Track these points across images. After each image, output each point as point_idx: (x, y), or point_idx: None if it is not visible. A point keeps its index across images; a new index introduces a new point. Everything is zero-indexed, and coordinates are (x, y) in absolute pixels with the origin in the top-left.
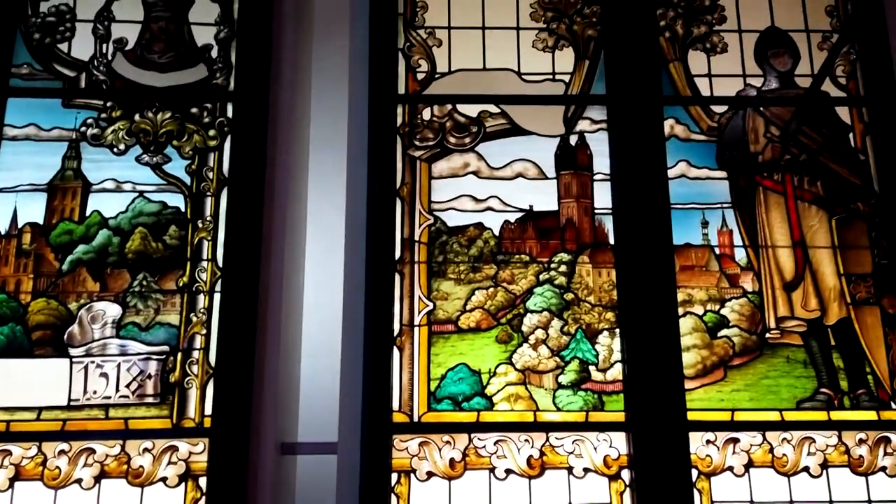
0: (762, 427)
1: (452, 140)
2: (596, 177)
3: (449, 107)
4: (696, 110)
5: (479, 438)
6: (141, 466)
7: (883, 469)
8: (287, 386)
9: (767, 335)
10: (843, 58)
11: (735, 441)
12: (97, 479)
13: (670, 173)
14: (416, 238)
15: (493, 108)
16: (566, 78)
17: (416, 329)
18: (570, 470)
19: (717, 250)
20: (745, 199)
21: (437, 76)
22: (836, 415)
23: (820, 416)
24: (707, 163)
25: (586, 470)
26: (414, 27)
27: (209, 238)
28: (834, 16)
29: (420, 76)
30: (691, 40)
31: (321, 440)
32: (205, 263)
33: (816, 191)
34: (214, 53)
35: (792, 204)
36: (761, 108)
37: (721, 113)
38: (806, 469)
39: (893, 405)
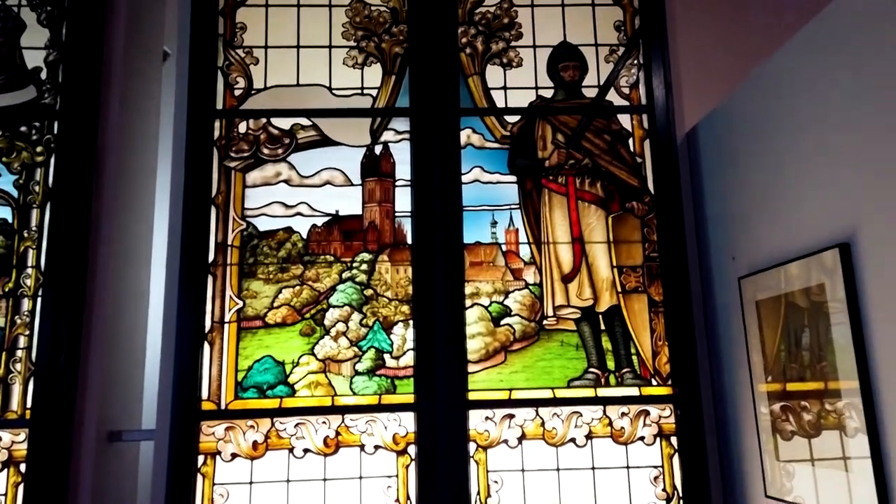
0: (536, 404)
1: (266, 151)
2: (398, 183)
3: (263, 120)
4: (492, 120)
5: (280, 422)
6: None
7: (641, 438)
8: (114, 380)
9: (545, 322)
10: (627, 69)
11: (511, 417)
12: None
13: (465, 178)
14: (230, 242)
15: (304, 121)
16: (374, 92)
17: (227, 325)
18: (362, 447)
19: (503, 247)
20: (532, 200)
21: (253, 92)
22: (603, 391)
23: (588, 392)
24: (499, 168)
25: (377, 447)
26: (233, 47)
27: (34, 247)
28: (621, 30)
29: (237, 92)
30: (490, 56)
31: (145, 428)
32: (29, 270)
33: (596, 192)
34: (44, 75)
35: (573, 204)
36: (550, 117)
37: (514, 122)
38: (573, 440)
39: (654, 382)
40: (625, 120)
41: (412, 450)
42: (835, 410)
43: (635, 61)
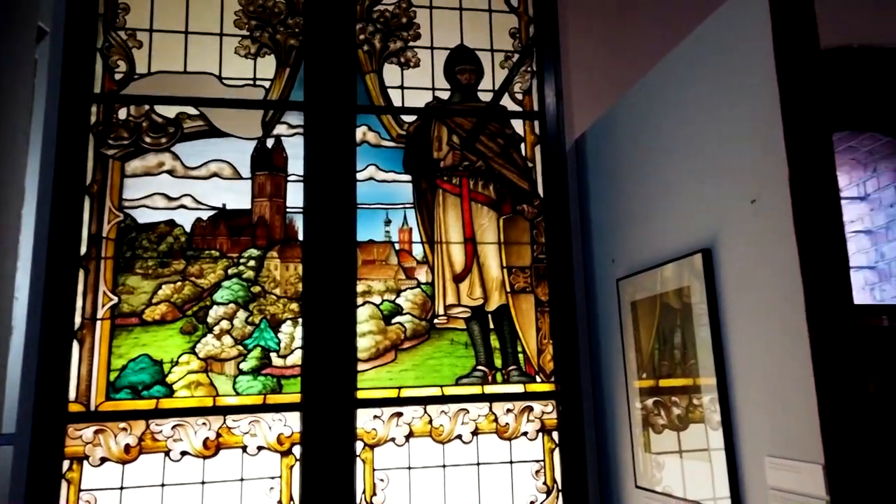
0: (424, 402)
1: (148, 140)
2: (290, 178)
3: (146, 107)
4: (388, 119)
5: (156, 424)
6: None
7: (525, 434)
8: None
9: (436, 321)
10: (521, 76)
11: (399, 415)
12: None
13: (360, 176)
14: (105, 234)
15: (191, 110)
16: (267, 84)
17: (99, 322)
18: (244, 449)
19: (397, 246)
20: (426, 200)
21: (135, 77)
22: (490, 389)
23: (475, 390)
24: (394, 167)
25: (260, 448)
26: (114, 28)
27: None
28: (517, 37)
29: (118, 76)
30: (388, 54)
31: (6, 432)
32: None
33: (489, 193)
34: None
35: (466, 205)
36: (446, 119)
37: (410, 122)
38: (459, 437)
39: (538, 379)
40: (518, 125)
41: (297, 450)
42: (700, 405)
43: (529, 69)
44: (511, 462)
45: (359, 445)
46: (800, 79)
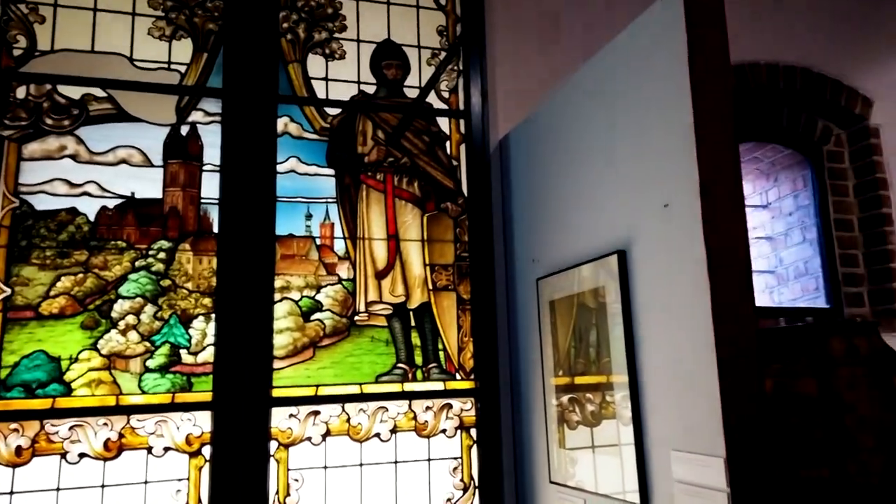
0: (343, 400)
1: (49, 122)
2: (205, 167)
3: (48, 87)
4: (311, 111)
5: (52, 424)
6: None
7: (443, 431)
8: None
9: (356, 318)
10: (448, 74)
11: (316, 413)
12: None
13: (280, 168)
14: None
15: (99, 92)
16: (182, 68)
17: None
18: (149, 450)
19: (318, 241)
20: (349, 195)
21: (37, 54)
22: (410, 386)
23: (395, 387)
24: (317, 160)
25: (167, 449)
26: (13, 0)
27: None
28: (444, 35)
29: (17, 52)
30: (312, 44)
31: None
32: None
33: (413, 191)
34: None
35: (390, 201)
36: (372, 113)
37: (334, 115)
38: (378, 435)
39: (458, 377)
40: (443, 123)
41: (207, 451)
42: (613, 402)
43: (456, 67)
44: (429, 460)
45: (273, 445)
46: (712, 91)
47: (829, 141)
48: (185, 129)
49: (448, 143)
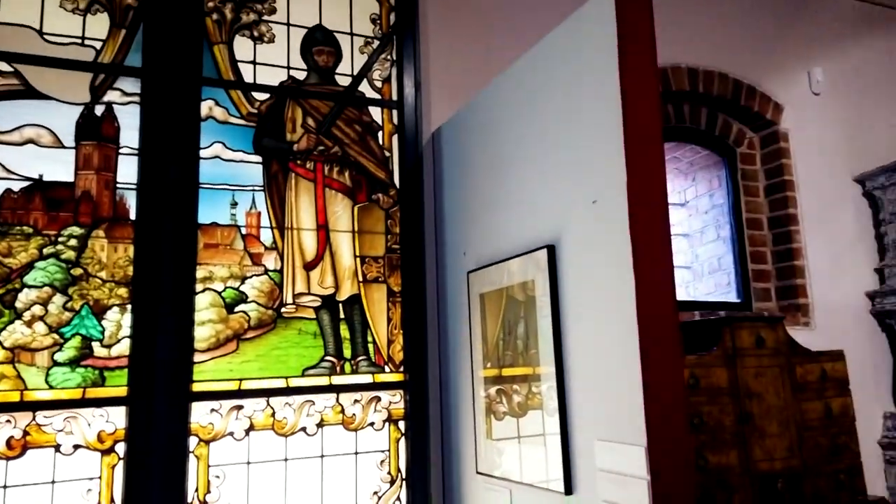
0: (268, 394)
1: None
2: (122, 150)
3: None
4: (238, 95)
5: None
6: None
7: (371, 424)
8: None
9: (283, 310)
10: (381, 63)
11: (240, 408)
12: None
13: (204, 153)
14: None
15: (4, 67)
16: (98, 45)
17: None
18: (57, 447)
19: (243, 230)
20: (277, 183)
21: None
22: (338, 379)
23: (323, 381)
24: (243, 146)
25: (76, 446)
26: None
27: None
28: (377, 24)
29: None
30: (239, 26)
31: None
32: None
33: (344, 180)
34: None
35: (320, 191)
36: (302, 100)
37: (262, 100)
38: (304, 429)
39: (387, 369)
40: (376, 113)
41: (120, 447)
42: (539, 393)
43: (389, 57)
44: (356, 453)
45: (193, 441)
46: (640, 90)
47: (743, 143)
48: (99, 110)
49: (380, 134)
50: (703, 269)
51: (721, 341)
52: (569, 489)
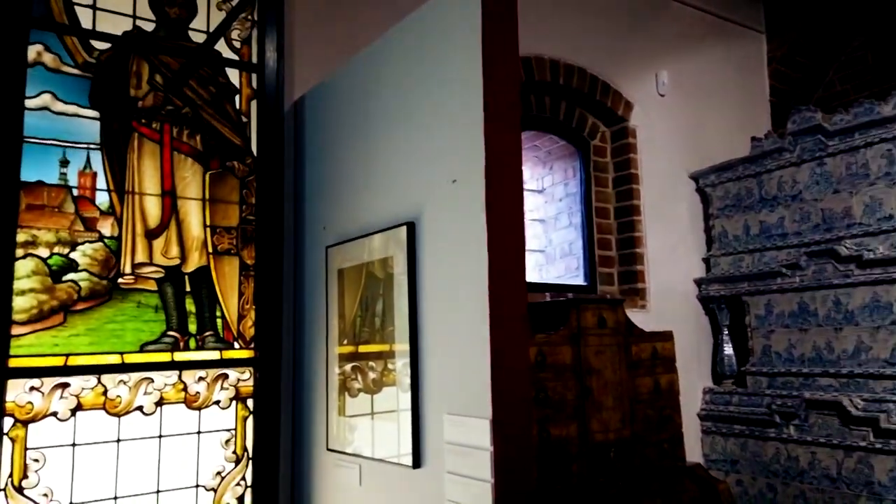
0: (99, 371)
1: None
2: None
3: None
4: (73, 41)
5: None
6: None
7: (217, 402)
8: None
9: (120, 280)
10: (241, 23)
11: (65, 386)
12: None
13: (30, 104)
14: None
15: None
16: None
17: None
18: None
19: (75, 192)
20: (117, 142)
21: None
22: (181, 356)
23: (164, 357)
24: (78, 99)
25: None
26: None
27: None
28: None
29: None
30: None
31: None
32: None
33: (195, 144)
34: None
35: (168, 154)
36: (149, 54)
37: (102, 50)
38: (140, 408)
39: (237, 346)
40: (233, 75)
41: None
42: (394, 369)
43: (250, 17)
44: (199, 432)
45: (8, 422)
46: (501, 74)
47: (597, 136)
48: None
49: (238, 98)
50: (556, 254)
51: (567, 322)
52: (417, 462)
